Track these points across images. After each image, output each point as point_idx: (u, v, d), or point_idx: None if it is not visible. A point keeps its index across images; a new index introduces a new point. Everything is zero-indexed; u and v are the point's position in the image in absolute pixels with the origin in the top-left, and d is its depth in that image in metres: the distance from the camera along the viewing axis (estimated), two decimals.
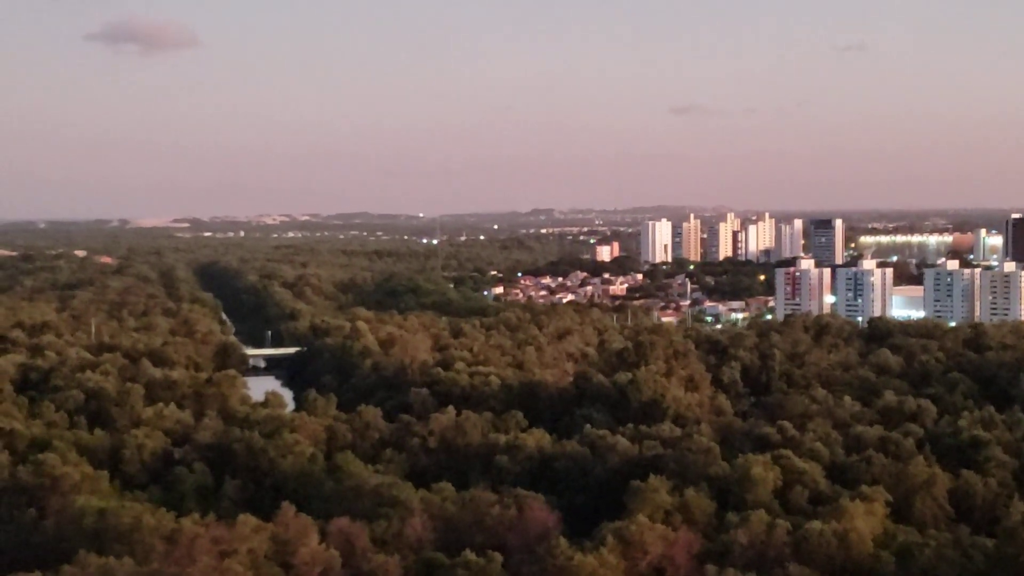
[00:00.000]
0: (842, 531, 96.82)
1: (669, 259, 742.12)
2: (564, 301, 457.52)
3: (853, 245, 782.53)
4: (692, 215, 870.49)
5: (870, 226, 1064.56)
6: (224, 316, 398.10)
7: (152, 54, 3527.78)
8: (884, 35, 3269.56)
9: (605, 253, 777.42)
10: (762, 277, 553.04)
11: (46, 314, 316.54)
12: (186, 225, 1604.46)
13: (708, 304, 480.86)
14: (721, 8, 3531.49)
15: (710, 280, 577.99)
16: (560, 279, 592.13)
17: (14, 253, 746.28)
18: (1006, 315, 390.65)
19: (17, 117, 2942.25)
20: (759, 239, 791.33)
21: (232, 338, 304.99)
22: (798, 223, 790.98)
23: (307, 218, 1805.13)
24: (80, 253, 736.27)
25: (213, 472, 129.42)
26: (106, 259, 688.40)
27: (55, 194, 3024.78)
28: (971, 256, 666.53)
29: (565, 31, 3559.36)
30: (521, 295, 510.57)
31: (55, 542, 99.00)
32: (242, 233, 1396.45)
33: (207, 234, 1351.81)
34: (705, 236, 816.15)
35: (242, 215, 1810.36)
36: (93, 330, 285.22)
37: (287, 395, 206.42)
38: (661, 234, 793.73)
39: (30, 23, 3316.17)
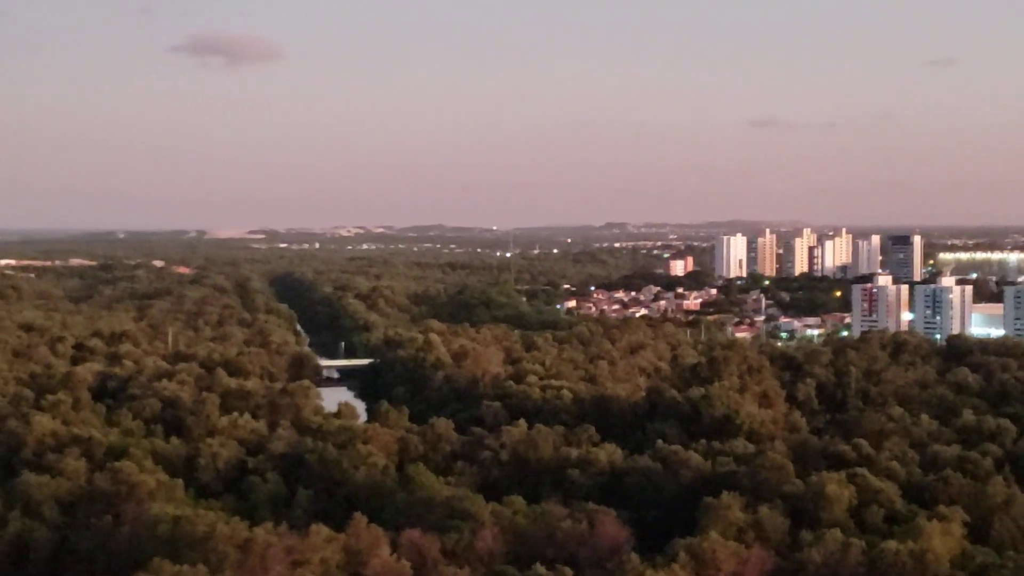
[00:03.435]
0: (918, 551, 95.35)
1: (744, 274, 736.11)
2: (637, 315, 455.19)
3: (932, 262, 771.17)
4: (767, 230, 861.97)
5: (949, 242, 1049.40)
6: (298, 327, 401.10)
7: (236, 66, 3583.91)
8: (974, 50, 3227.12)
9: (679, 267, 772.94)
10: (838, 293, 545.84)
11: (124, 323, 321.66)
12: (262, 236, 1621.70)
13: (783, 320, 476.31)
14: (805, 21, 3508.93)
15: (785, 296, 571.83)
16: (633, 293, 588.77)
17: (94, 263, 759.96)
18: None
19: (101, 128, 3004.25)
20: (835, 255, 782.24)
21: (306, 349, 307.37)
22: (875, 239, 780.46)
23: (382, 230, 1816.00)
24: (158, 263, 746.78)
25: (286, 482, 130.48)
26: (183, 269, 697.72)
27: (135, 205, 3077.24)
28: None
29: (644, 43, 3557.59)
30: (594, 309, 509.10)
31: (130, 549, 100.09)
32: (317, 245, 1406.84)
33: (283, 245, 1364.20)
34: (781, 251, 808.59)
35: (317, 227, 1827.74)
36: (170, 339, 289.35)
37: (360, 406, 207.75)
38: (736, 249, 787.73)
39: (117, 34, 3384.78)
